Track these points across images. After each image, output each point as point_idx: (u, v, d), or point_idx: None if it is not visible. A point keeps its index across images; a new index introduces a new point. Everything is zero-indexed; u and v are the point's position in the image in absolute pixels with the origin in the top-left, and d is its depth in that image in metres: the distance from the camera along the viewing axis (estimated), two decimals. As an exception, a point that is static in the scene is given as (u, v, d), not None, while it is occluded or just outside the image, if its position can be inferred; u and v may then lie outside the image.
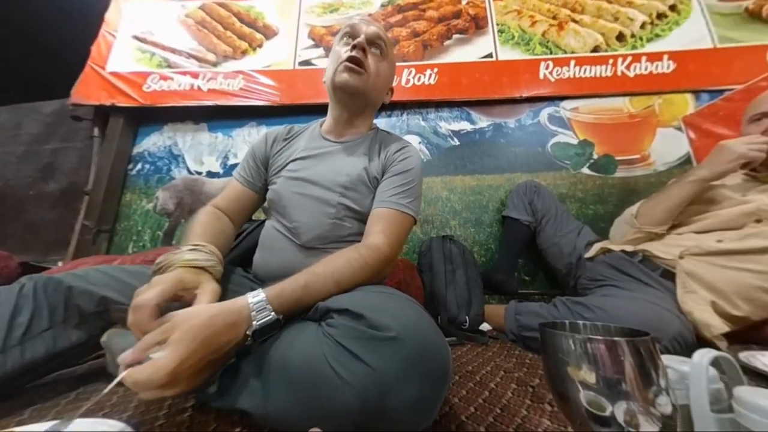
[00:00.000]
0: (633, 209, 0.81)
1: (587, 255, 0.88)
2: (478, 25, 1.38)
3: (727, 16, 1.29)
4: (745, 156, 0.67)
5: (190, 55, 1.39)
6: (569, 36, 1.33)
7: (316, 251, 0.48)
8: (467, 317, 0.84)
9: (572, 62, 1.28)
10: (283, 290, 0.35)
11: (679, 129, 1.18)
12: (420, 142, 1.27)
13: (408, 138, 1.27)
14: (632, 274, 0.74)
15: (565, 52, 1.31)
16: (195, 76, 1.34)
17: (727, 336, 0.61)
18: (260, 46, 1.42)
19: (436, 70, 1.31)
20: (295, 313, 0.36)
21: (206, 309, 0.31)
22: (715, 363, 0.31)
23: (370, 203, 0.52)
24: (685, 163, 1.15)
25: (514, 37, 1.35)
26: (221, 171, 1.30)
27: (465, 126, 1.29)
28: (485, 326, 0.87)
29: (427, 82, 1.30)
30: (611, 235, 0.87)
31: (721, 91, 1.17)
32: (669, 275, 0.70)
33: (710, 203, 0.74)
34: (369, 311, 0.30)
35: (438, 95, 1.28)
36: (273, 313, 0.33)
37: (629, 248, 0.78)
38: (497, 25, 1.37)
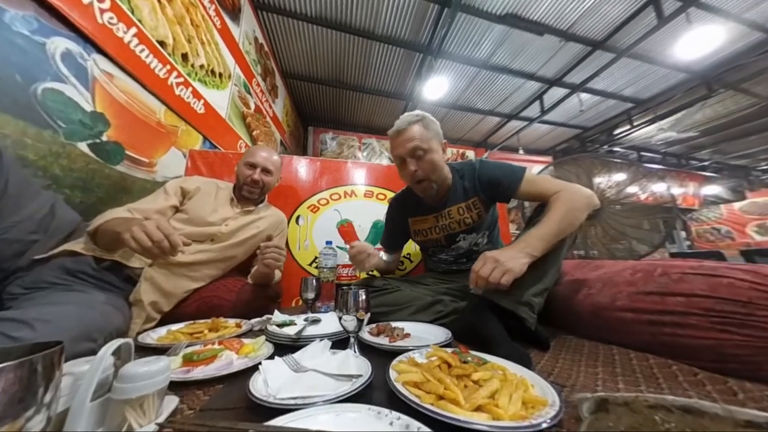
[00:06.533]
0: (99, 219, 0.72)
1: (39, 257, 0.66)
2: None
3: (235, 108, 2.03)
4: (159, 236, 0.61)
5: None
6: (147, 5, 1.18)
7: None
8: None
9: (134, 29, 1.11)
10: None
11: (185, 156, 1.45)
12: None
13: None
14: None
15: (133, 14, 1.11)
16: None
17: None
18: None
19: None
20: None
21: None
22: (116, 351, 0.35)
23: None
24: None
25: None
26: None
27: None
28: None
29: None
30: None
31: (214, 146, 1.71)
32: (132, 280, 0.76)
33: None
34: None
35: None
36: None
37: (99, 254, 0.72)
38: None
